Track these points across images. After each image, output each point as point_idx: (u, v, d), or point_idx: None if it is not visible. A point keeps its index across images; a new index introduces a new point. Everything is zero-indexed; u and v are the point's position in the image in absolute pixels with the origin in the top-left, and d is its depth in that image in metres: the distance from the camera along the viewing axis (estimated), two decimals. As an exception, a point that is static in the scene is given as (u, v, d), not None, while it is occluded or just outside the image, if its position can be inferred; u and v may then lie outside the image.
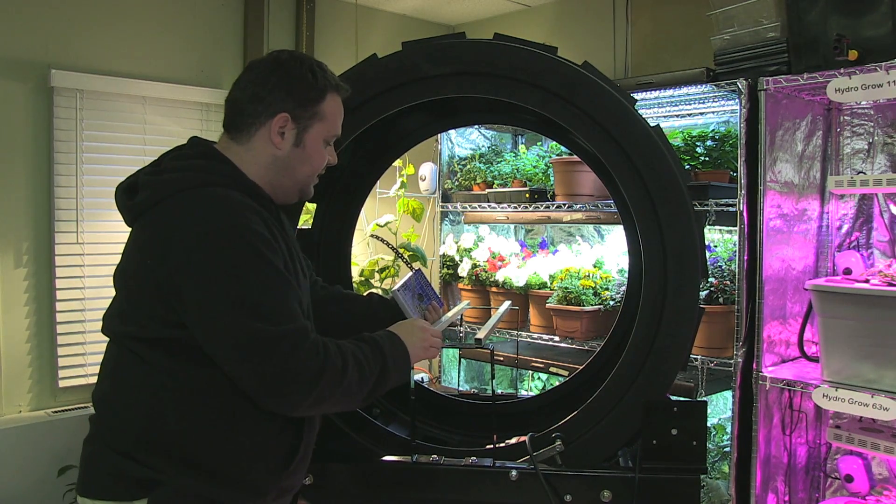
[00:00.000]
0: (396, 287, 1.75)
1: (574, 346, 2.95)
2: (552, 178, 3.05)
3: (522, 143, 3.73)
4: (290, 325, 1.31)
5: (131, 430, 1.36)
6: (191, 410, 1.35)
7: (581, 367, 2.20)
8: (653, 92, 2.75)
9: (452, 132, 3.52)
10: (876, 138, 2.51)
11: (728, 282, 2.50)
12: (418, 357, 1.57)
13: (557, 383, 2.51)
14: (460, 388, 3.42)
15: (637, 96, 2.29)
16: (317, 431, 1.56)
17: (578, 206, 2.94)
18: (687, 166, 2.60)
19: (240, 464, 1.38)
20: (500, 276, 3.18)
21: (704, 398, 2.58)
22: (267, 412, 1.37)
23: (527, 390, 3.51)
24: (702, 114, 2.97)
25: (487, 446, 1.83)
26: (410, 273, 1.87)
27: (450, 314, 1.96)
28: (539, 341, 3.07)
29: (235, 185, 1.40)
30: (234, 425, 1.37)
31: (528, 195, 3.07)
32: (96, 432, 1.41)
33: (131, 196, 1.40)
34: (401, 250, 3.25)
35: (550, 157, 3.13)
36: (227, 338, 1.29)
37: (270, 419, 1.39)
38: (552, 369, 2.91)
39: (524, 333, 3.12)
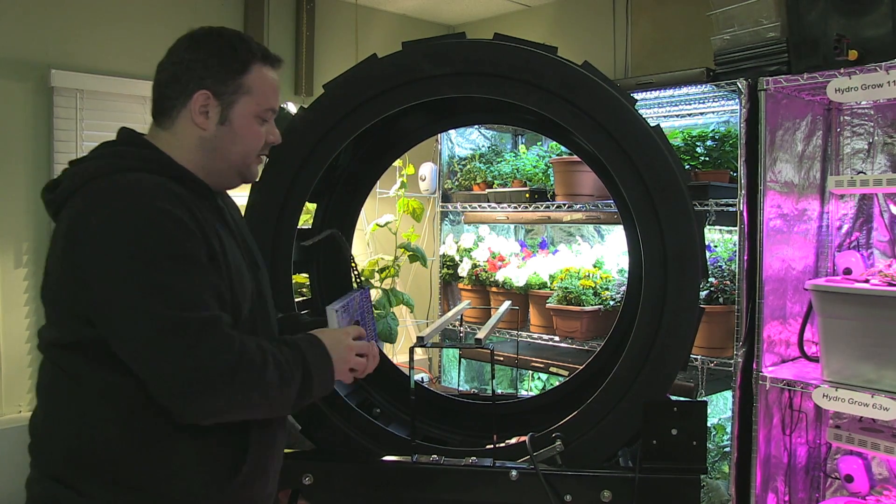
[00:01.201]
0: (334, 304, 1.52)
1: (574, 346, 2.95)
2: (552, 178, 3.05)
3: (522, 143, 3.73)
4: (195, 314, 1.18)
5: (59, 450, 1.28)
6: (118, 425, 1.24)
7: (581, 367, 2.20)
8: (653, 92, 2.75)
9: (452, 132, 3.52)
10: (876, 138, 2.51)
11: (728, 282, 2.50)
12: (340, 375, 1.42)
13: (557, 383, 2.51)
14: (460, 388, 3.42)
15: (637, 96, 2.29)
16: (275, 436, 1.43)
17: (578, 206, 2.94)
18: (687, 166, 2.60)
19: (174, 480, 1.25)
20: (500, 276, 3.18)
21: (704, 398, 2.58)
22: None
23: (527, 390, 3.51)
24: (702, 114, 2.97)
25: (487, 446, 1.83)
26: (355, 292, 1.63)
27: (441, 320, 1.94)
28: (539, 341, 3.07)
29: (155, 168, 1.31)
30: (165, 438, 1.25)
31: (528, 195, 3.07)
32: (32, 459, 1.34)
33: (52, 190, 1.33)
34: (400, 250, 3.26)
35: (550, 157, 3.13)
36: (129, 327, 1.17)
37: (208, 428, 1.26)
38: (552, 369, 2.91)
39: (524, 333, 3.12)
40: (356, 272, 1.73)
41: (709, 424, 2.77)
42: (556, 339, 2.97)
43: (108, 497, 1.25)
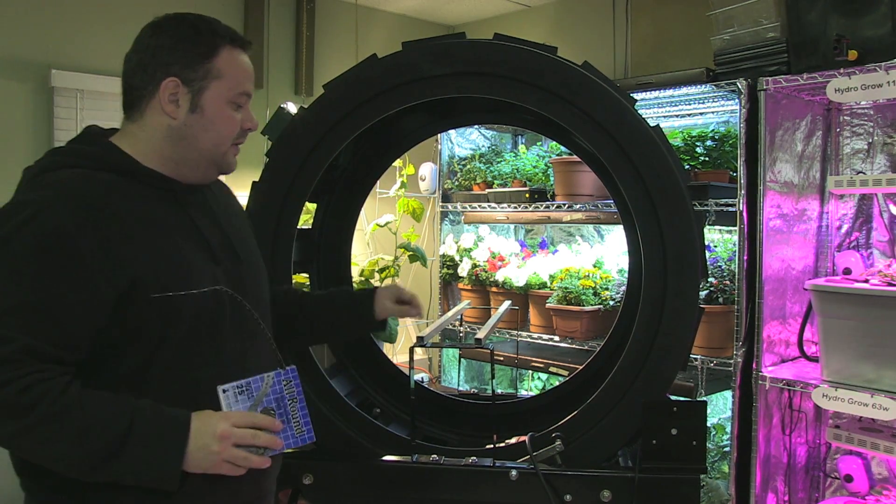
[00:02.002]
0: (228, 384, 1.25)
1: (574, 346, 2.96)
2: (552, 178, 3.05)
3: (522, 143, 3.74)
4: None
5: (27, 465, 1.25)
6: None
7: (581, 367, 2.20)
8: (653, 92, 2.75)
9: (452, 132, 3.52)
10: (875, 138, 2.51)
11: (728, 282, 2.50)
12: (200, 466, 1.18)
13: (557, 383, 2.51)
14: (460, 388, 3.42)
15: (637, 96, 2.30)
16: None
17: (578, 206, 2.94)
18: (687, 166, 2.60)
19: (109, 486, 1.19)
20: (500, 276, 3.18)
21: (704, 398, 2.58)
22: None
23: (527, 390, 3.51)
24: (702, 114, 2.97)
25: (487, 446, 1.83)
26: (272, 371, 1.30)
27: (439, 321, 1.91)
28: (539, 341, 3.07)
29: (94, 164, 1.25)
30: None
31: (528, 195, 3.07)
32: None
33: None
34: (400, 250, 3.26)
35: (550, 157, 3.13)
36: None
37: None
38: (552, 369, 2.91)
39: (524, 333, 3.12)
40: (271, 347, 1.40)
41: (709, 424, 2.77)
42: (556, 339, 2.97)
43: (46, 496, 1.24)
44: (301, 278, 2.48)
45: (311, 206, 2.18)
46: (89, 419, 1.13)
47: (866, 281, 2.17)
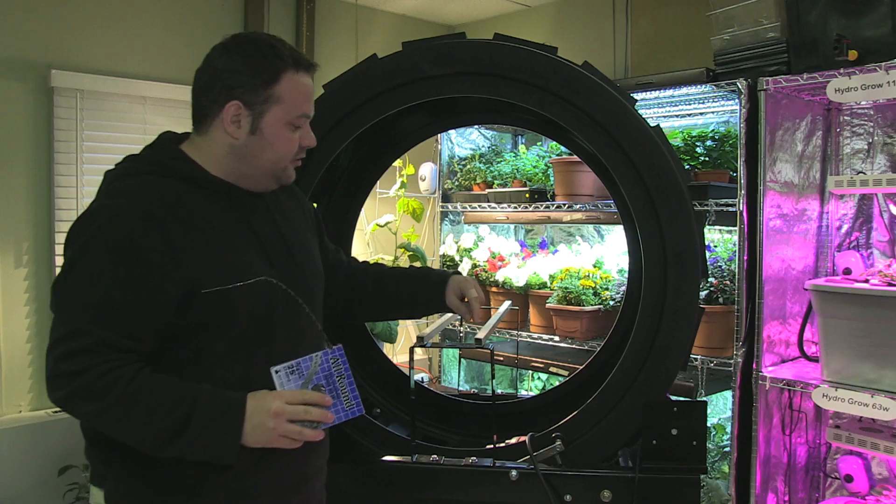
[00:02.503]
0: (280, 365, 1.37)
1: (574, 346, 2.96)
2: (552, 178, 3.05)
3: (522, 143, 3.74)
4: (67, 317, 1.27)
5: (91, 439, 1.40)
6: None
7: (581, 367, 2.20)
8: (653, 92, 2.75)
9: (452, 132, 3.52)
10: (876, 138, 2.51)
11: (728, 282, 2.50)
12: (258, 441, 1.31)
13: (557, 383, 2.51)
14: (460, 388, 3.42)
15: (637, 96, 2.29)
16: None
17: (578, 206, 2.94)
18: (687, 166, 2.60)
19: (173, 464, 1.32)
20: (500, 276, 3.18)
21: (704, 398, 2.58)
22: None
23: (527, 390, 3.51)
24: (702, 114, 2.97)
25: (487, 446, 1.83)
26: (320, 351, 1.41)
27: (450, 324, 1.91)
28: (539, 341, 3.07)
29: (164, 171, 1.38)
30: None
31: (528, 195, 3.07)
32: None
33: None
34: (400, 250, 3.26)
35: (550, 157, 3.13)
36: (53, 305, 1.31)
37: None
38: (552, 369, 2.91)
39: (524, 333, 3.12)
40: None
41: (709, 424, 2.77)
42: (556, 339, 2.97)
43: (116, 468, 1.36)
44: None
45: (311, 206, 2.17)
46: (157, 401, 1.26)
47: (866, 281, 2.17)
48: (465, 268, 3.33)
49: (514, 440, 1.84)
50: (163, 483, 1.34)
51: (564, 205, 2.97)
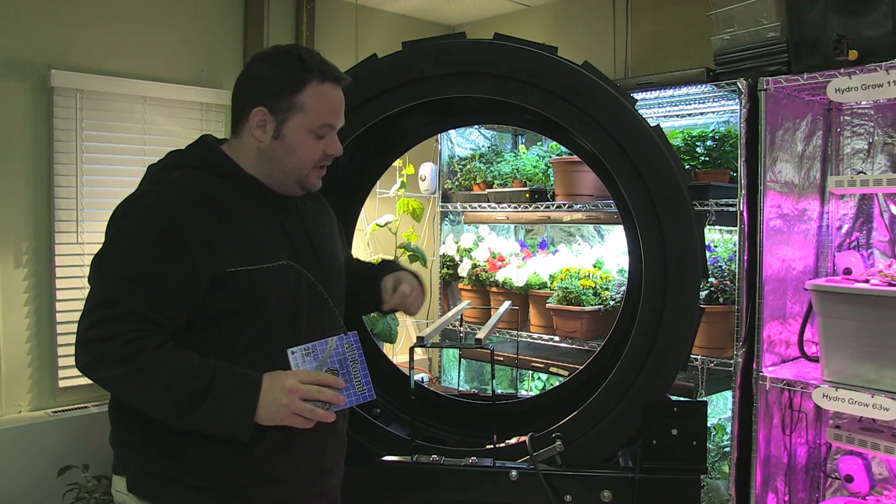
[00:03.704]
0: (294, 349, 1.43)
1: (574, 346, 2.95)
2: (552, 178, 3.05)
3: (522, 143, 3.73)
4: (104, 287, 1.35)
5: (114, 406, 1.48)
6: None
7: (581, 367, 2.20)
8: (653, 92, 2.75)
9: (452, 132, 3.52)
10: (876, 138, 2.51)
11: (728, 282, 2.50)
12: (272, 418, 1.37)
13: (557, 383, 2.51)
14: (460, 388, 3.42)
15: (637, 96, 2.30)
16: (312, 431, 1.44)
17: (578, 206, 2.94)
18: (687, 166, 2.60)
19: (194, 446, 1.38)
20: (500, 276, 3.18)
21: (704, 398, 2.58)
22: None
23: (527, 390, 3.51)
24: (702, 114, 2.97)
25: (487, 446, 1.83)
26: (335, 337, 1.47)
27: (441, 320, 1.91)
28: (539, 341, 3.07)
29: (204, 166, 1.47)
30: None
31: (528, 195, 3.07)
32: None
33: None
34: (400, 250, 3.26)
35: (550, 157, 3.13)
36: (90, 279, 1.39)
37: None
38: (552, 369, 2.91)
39: (524, 333, 3.12)
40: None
41: (709, 424, 2.77)
42: (556, 339, 2.97)
43: (140, 452, 1.42)
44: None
45: (311, 206, 2.17)
46: (177, 372, 1.33)
47: (867, 281, 2.17)
48: (465, 268, 3.33)
49: (514, 440, 1.84)
50: (185, 467, 1.39)
51: (564, 205, 2.97)
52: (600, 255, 3.19)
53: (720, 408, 2.91)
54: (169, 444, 1.39)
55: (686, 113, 3.00)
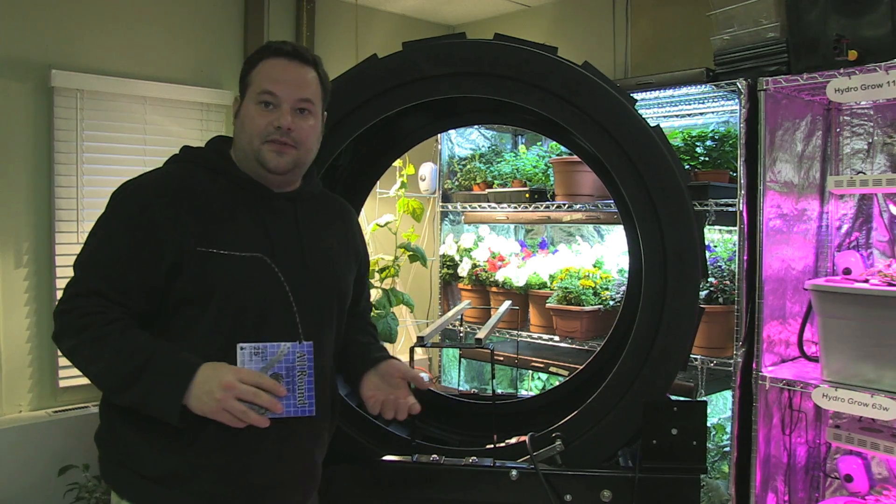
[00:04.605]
0: (244, 345, 1.40)
1: (574, 346, 2.96)
2: (552, 178, 3.05)
3: (522, 143, 3.74)
4: (77, 268, 1.43)
5: (101, 402, 1.53)
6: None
7: (581, 367, 2.20)
8: (653, 92, 2.75)
9: (452, 132, 3.52)
10: (875, 138, 2.51)
11: (728, 282, 2.50)
12: (202, 408, 1.33)
13: (557, 383, 2.51)
14: (460, 388, 3.42)
15: (637, 96, 2.29)
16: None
17: (578, 206, 2.94)
18: (687, 166, 2.60)
19: (143, 435, 1.41)
20: (500, 276, 3.18)
21: (704, 398, 2.58)
22: None
23: (527, 390, 3.51)
24: (702, 114, 2.97)
25: (487, 446, 1.83)
26: (285, 344, 1.43)
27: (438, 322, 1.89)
28: (539, 341, 3.07)
29: (198, 160, 1.52)
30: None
31: (528, 195, 3.07)
32: None
33: None
34: (400, 250, 3.26)
35: (550, 157, 3.13)
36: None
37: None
38: (552, 369, 2.91)
39: (524, 333, 3.12)
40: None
41: (709, 424, 2.77)
42: (556, 339, 2.97)
43: (104, 448, 1.49)
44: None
45: (311, 206, 2.17)
46: (122, 347, 1.35)
47: (866, 281, 2.17)
48: (465, 268, 3.33)
49: (514, 440, 1.84)
50: (136, 456, 1.43)
51: (564, 205, 2.97)
52: (600, 255, 3.19)
53: (720, 408, 2.91)
54: (129, 434, 1.43)
55: (686, 113, 3.00)
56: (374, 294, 3.12)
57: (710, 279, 2.51)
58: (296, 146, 1.50)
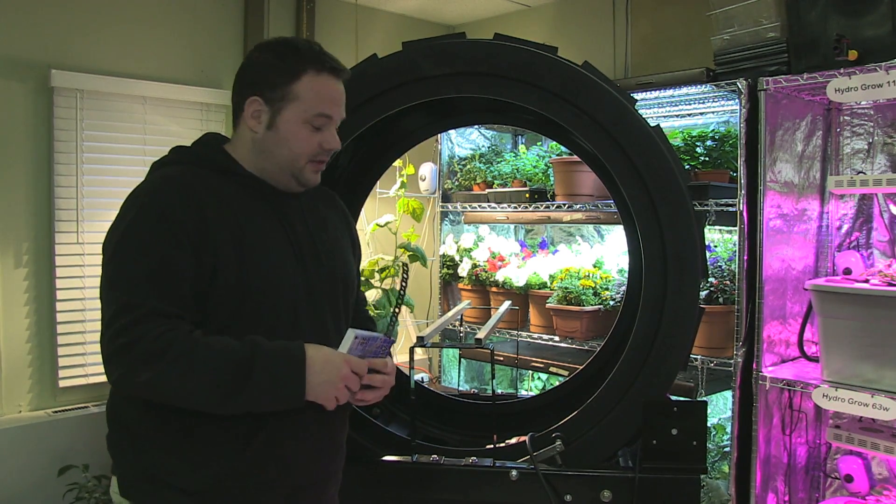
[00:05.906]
0: (359, 330, 1.44)
1: (574, 346, 2.96)
2: (552, 178, 3.05)
3: (522, 143, 3.74)
4: (118, 294, 1.31)
5: (109, 408, 1.48)
6: (137, 406, 1.41)
7: (581, 367, 2.21)
8: (653, 92, 2.75)
9: (452, 132, 3.52)
10: (876, 138, 2.51)
11: (728, 282, 2.50)
12: (318, 396, 1.37)
13: (557, 383, 2.51)
14: (460, 388, 3.42)
15: (637, 96, 2.30)
16: (296, 425, 1.44)
17: (578, 206, 2.94)
18: (687, 166, 2.60)
19: (184, 450, 1.38)
20: (500, 276, 3.18)
21: (704, 398, 2.58)
22: None
23: (527, 390, 3.51)
24: (702, 114, 2.97)
25: (487, 446, 1.83)
26: (383, 335, 1.48)
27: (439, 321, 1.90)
28: (539, 341, 3.07)
29: (198, 162, 1.46)
30: (177, 419, 1.38)
31: (528, 195, 3.07)
32: None
33: None
34: (400, 250, 3.26)
35: (550, 157, 3.13)
36: (101, 291, 1.36)
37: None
38: (552, 369, 2.91)
39: (524, 333, 3.12)
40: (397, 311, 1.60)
41: (709, 424, 2.77)
42: (556, 339, 2.97)
43: (126, 463, 1.43)
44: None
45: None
46: (214, 356, 1.29)
47: (866, 281, 2.17)
48: (465, 268, 3.33)
49: (514, 440, 1.84)
50: (174, 470, 1.38)
51: (564, 205, 2.97)
52: (600, 255, 3.19)
53: (720, 408, 2.91)
54: (158, 446, 1.38)
55: (686, 113, 3.00)
56: (375, 294, 3.12)
57: (710, 279, 2.51)
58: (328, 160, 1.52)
